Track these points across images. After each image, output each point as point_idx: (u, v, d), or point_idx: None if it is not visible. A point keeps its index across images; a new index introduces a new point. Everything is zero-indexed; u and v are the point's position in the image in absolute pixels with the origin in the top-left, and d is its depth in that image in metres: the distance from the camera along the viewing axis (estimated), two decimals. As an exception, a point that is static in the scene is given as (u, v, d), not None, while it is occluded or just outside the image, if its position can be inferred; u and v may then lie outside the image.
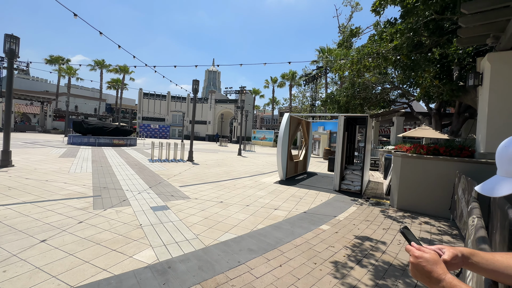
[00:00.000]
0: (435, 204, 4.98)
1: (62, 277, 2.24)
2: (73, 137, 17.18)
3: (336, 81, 29.18)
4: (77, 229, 3.29)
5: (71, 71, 36.49)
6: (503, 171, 0.63)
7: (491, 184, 0.65)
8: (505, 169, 0.63)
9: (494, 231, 2.33)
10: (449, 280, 0.62)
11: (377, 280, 2.52)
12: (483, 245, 1.12)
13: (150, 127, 40.84)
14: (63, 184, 5.66)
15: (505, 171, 0.63)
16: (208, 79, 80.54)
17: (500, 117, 4.64)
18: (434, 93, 8.59)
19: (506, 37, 4.28)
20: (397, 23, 5.87)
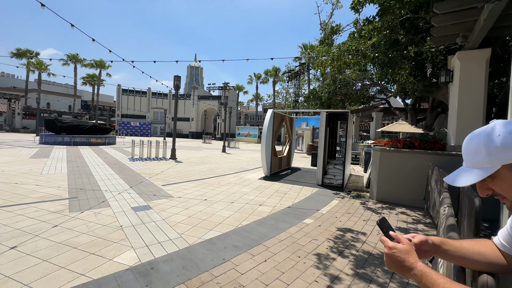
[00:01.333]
0: (411, 195, 5.25)
1: (35, 285, 2.12)
2: (45, 136, 16.18)
3: (318, 77, 29.68)
4: (52, 234, 3.12)
5: (41, 65, 34.10)
6: (468, 162, 0.67)
7: (458, 174, 0.69)
8: (470, 160, 0.67)
9: (462, 218, 2.50)
10: (420, 268, 0.66)
11: (358, 270, 2.62)
12: (452, 232, 1.19)
13: (130, 125, 39.35)
14: (35, 187, 5.32)
15: (469, 163, 0.67)
16: (190, 75, 78.72)
17: (469, 112, 4.96)
18: (409, 89, 9.00)
19: (474, 36, 4.55)
20: (375, 21, 6.05)
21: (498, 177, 0.62)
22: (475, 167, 0.65)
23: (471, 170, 0.65)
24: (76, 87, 39.89)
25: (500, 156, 0.60)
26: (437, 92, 7.76)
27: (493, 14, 3.72)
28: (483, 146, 0.63)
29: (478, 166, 0.64)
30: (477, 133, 0.66)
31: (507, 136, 0.60)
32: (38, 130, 22.88)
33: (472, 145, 0.66)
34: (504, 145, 0.60)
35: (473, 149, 0.65)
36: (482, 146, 0.63)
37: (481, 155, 0.63)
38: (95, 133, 17.98)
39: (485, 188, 0.66)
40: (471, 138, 0.67)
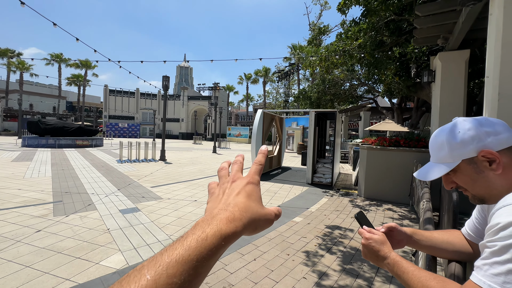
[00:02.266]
0: (397, 192, 5.41)
1: (17, 292, 2.05)
2: (28, 139, 15.61)
3: (308, 77, 30.00)
4: (35, 239, 3.03)
5: (23, 65, 32.85)
6: (434, 158, 0.72)
7: (425, 170, 0.73)
8: (435, 156, 0.71)
9: (443, 212, 2.60)
10: (393, 257, 0.70)
11: (345, 265, 2.68)
12: (428, 225, 1.25)
13: (118, 126, 38.49)
14: (17, 191, 5.13)
15: (435, 158, 0.71)
16: (179, 75, 77.80)
17: (450, 111, 5.15)
18: (395, 89, 9.24)
19: (453, 38, 4.74)
20: (361, 22, 6.19)
21: (459, 171, 0.67)
22: (440, 162, 0.70)
23: (437, 165, 0.70)
24: (60, 87, 38.65)
25: (460, 151, 0.65)
26: (421, 91, 8.02)
27: (470, 16, 3.89)
28: (445, 143, 0.67)
29: (442, 161, 0.69)
30: (441, 130, 0.71)
31: (466, 132, 0.64)
32: (21, 132, 22.03)
33: (437, 142, 0.70)
34: (463, 141, 0.64)
35: (437, 146, 0.70)
36: (445, 142, 0.67)
37: (444, 151, 0.68)
38: (81, 135, 17.49)
39: (449, 182, 0.70)
40: (435, 135, 0.72)
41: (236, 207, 0.34)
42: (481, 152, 0.62)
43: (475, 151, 0.63)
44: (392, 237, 0.81)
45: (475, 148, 0.63)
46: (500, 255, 0.49)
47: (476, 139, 0.63)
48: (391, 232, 0.82)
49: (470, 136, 0.63)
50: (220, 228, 0.30)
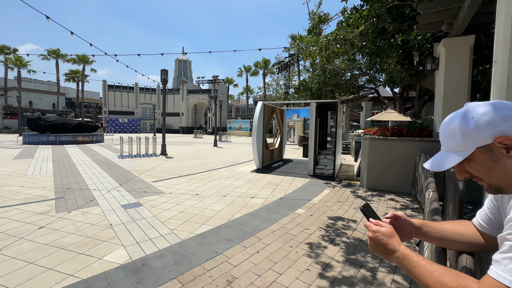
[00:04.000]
0: (400, 182, 5.38)
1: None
2: (29, 136, 15.61)
3: (308, 68, 29.62)
4: (38, 235, 3.03)
5: (20, 62, 32.55)
6: (445, 147, 0.67)
7: (436, 159, 0.68)
8: (446, 144, 0.66)
9: (448, 202, 2.57)
10: (402, 251, 0.67)
11: (348, 256, 2.68)
12: (436, 216, 1.21)
13: (118, 122, 38.46)
14: (19, 188, 5.14)
15: (446, 147, 0.66)
16: (178, 68, 77.03)
17: (454, 99, 5.06)
18: (397, 78, 9.10)
19: (458, 23, 4.60)
20: (362, 9, 6.01)
21: (474, 159, 0.62)
22: (451, 151, 0.65)
23: (449, 154, 0.65)
24: (59, 84, 38.44)
25: (474, 139, 0.60)
26: (424, 80, 7.88)
27: (477, 0, 3.75)
28: (457, 130, 0.62)
29: (454, 150, 0.64)
30: (452, 117, 0.66)
31: (480, 118, 0.59)
32: (21, 130, 22.03)
33: (448, 129, 0.65)
34: (477, 128, 0.59)
35: (448, 134, 0.65)
36: (457, 130, 0.63)
37: (456, 139, 0.63)
38: (81, 131, 17.48)
39: (463, 171, 0.66)
40: (446, 123, 0.67)
41: None
42: (498, 138, 0.57)
43: (491, 137, 0.58)
44: (400, 228, 0.78)
45: (490, 134, 0.58)
46: None
47: (491, 125, 0.58)
48: (398, 223, 0.79)
49: (485, 121, 0.58)
50: None
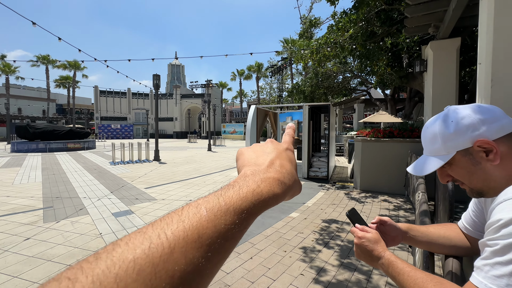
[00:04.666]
0: (392, 183, 5.42)
1: (4, 304, 1.97)
2: (17, 144, 15.24)
3: (301, 71, 29.90)
4: (24, 247, 2.93)
5: (9, 68, 31.91)
6: (427, 151, 0.67)
7: (419, 164, 0.68)
8: (428, 148, 0.66)
9: (439, 202, 2.59)
10: (387, 257, 0.66)
11: (343, 260, 2.66)
12: (424, 217, 1.21)
13: (110, 128, 37.93)
14: (5, 198, 4.98)
15: (428, 151, 0.66)
16: (171, 73, 76.79)
17: (442, 100, 5.15)
18: (388, 80, 9.24)
19: (444, 26, 4.71)
20: (351, 13, 6.12)
21: (455, 163, 0.62)
22: (433, 155, 0.65)
23: (430, 158, 0.65)
24: (49, 90, 37.80)
25: (454, 142, 0.60)
26: (413, 81, 8.02)
27: (461, 3, 3.85)
28: (438, 134, 0.62)
29: (436, 154, 0.64)
30: (432, 121, 0.65)
31: (459, 122, 0.59)
32: (9, 137, 21.51)
33: (429, 134, 0.65)
34: (457, 131, 0.59)
35: (430, 138, 0.65)
36: (438, 133, 0.62)
37: (437, 142, 0.63)
38: (72, 138, 17.15)
39: (445, 175, 0.65)
40: (427, 127, 0.67)
41: (284, 169, 0.33)
42: (477, 141, 0.57)
43: (470, 141, 0.58)
44: (386, 233, 0.77)
45: (470, 138, 0.58)
46: (503, 254, 0.44)
47: (470, 128, 0.57)
48: (384, 228, 0.78)
49: (464, 125, 0.58)
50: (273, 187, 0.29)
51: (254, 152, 0.36)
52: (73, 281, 0.16)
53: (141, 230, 0.20)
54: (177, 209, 0.23)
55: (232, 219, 0.24)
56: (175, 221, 0.21)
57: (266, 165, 0.32)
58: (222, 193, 0.26)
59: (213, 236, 0.22)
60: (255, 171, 0.31)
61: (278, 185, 0.30)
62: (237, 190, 0.26)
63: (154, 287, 0.17)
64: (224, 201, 0.24)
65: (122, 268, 0.17)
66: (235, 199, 0.25)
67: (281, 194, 0.29)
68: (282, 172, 0.32)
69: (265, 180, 0.29)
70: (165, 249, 0.19)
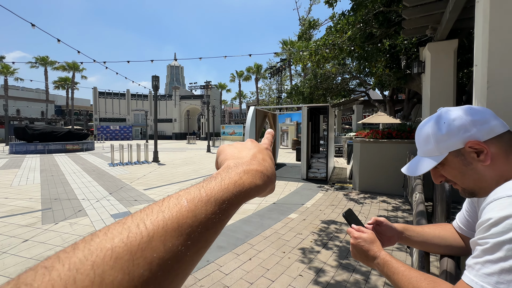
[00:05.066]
0: (391, 184, 5.44)
1: (2, 306, 1.96)
2: (16, 145, 15.18)
3: (300, 73, 29.99)
4: (22, 249, 2.92)
5: (7, 69, 31.85)
6: (421, 151, 0.68)
7: (413, 164, 0.69)
8: (421, 149, 0.67)
9: (436, 203, 2.60)
10: (383, 257, 0.67)
11: (341, 260, 2.67)
12: (421, 218, 1.22)
13: (109, 129, 37.87)
14: (3, 200, 4.97)
15: (422, 152, 0.67)
16: (170, 74, 76.83)
17: (440, 101, 5.19)
18: (386, 81, 9.29)
19: (441, 28, 4.75)
20: (349, 15, 6.15)
21: (447, 164, 0.63)
22: (426, 156, 0.66)
23: (424, 159, 0.66)
24: (48, 91, 37.71)
25: (447, 143, 0.61)
26: (411, 83, 8.07)
27: (458, 5, 3.89)
28: (431, 135, 0.64)
29: (429, 155, 0.65)
30: (425, 122, 0.67)
31: (451, 123, 0.61)
32: (8, 139, 21.44)
33: (422, 135, 0.67)
34: (449, 132, 0.61)
35: (423, 138, 0.66)
36: (430, 134, 0.64)
37: (430, 143, 0.64)
38: (71, 139, 17.11)
39: (438, 176, 0.67)
40: (420, 128, 0.68)
41: (266, 163, 0.34)
42: (468, 143, 0.58)
43: (462, 142, 0.59)
44: (382, 233, 0.78)
45: (461, 139, 0.59)
46: (493, 253, 0.45)
47: (462, 130, 0.59)
48: (380, 228, 0.79)
49: (456, 126, 0.60)
50: (255, 179, 0.30)
51: (236, 148, 0.37)
52: (50, 269, 0.16)
53: (120, 221, 0.21)
54: (158, 201, 0.24)
55: (213, 209, 0.24)
56: (155, 211, 0.22)
57: (249, 158, 0.33)
58: (204, 184, 0.27)
59: (193, 225, 0.22)
60: (238, 163, 0.32)
61: (260, 177, 0.31)
62: (219, 181, 0.27)
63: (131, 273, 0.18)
64: (206, 192, 0.25)
65: (99, 256, 0.17)
66: (216, 190, 0.26)
67: (263, 185, 0.31)
68: (264, 165, 0.33)
69: (247, 172, 0.30)
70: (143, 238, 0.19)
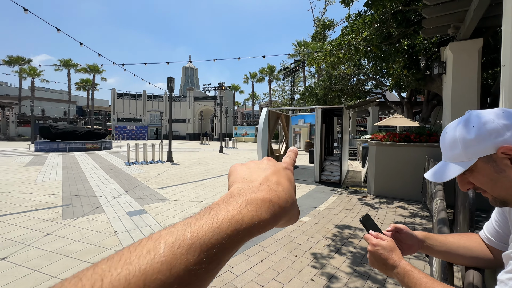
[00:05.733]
0: (408, 189, 5.24)
1: (25, 297, 2.07)
2: (40, 144, 16.02)
3: (313, 74, 29.66)
4: (44, 242, 3.06)
5: (34, 72, 33.78)
6: (446, 156, 0.64)
7: (437, 170, 0.65)
8: (447, 154, 0.63)
9: (458, 210, 2.48)
10: (403, 266, 0.64)
11: (355, 267, 2.59)
12: (443, 226, 1.16)
13: (126, 129, 39.14)
14: (28, 195, 5.24)
15: (447, 157, 0.63)
16: (185, 76, 78.43)
17: (463, 103, 4.94)
18: (404, 82, 8.99)
19: (465, 27, 4.52)
20: (366, 15, 6.01)
21: (476, 170, 0.58)
22: (453, 162, 0.62)
23: (450, 165, 0.62)
24: (70, 92, 39.60)
25: (476, 149, 0.57)
26: (431, 84, 7.75)
27: (483, 3, 3.69)
28: (458, 139, 0.59)
29: (456, 160, 0.61)
30: (452, 125, 0.63)
31: (481, 127, 0.56)
32: (33, 137, 22.67)
33: (448, 139, 0.62)
34: (479, 137, 0.56)
35: (449, 143, 0.62)
36: (458, 139, 0.59)
37: (457, 148, 0.60)
38: (90, 138, 17.85)
39: (465, 183, 0.62)
40: (446, 132, 0.64)
41: (281, 187, 0.28)
42: (501, 148, 0.54)
43: (493, 147, 0.55)
44: (402, 241, 0.74)
45: (493, 144, 0.55)
46: None
47: (493, 134, 0.54)
48: (400, 236, 0.75)
49: (487, 130, 0.55)
50: (259, 212, 0.24)
51: (248, 168, 0.32)
52: None
53: (78, 275, 0.17)
54: (134, 243, 0.20)
55: (197, 257, 0.19)
56: (121, 263, 0.18)
57: (259, 181, 0.28)
58: (193, 221, 0.22)
59: (167, 283, 0.17)
60: (243, 190, 0.26)
61: (267, 208, 0.25)
62: (211, 217, 0.22)
63: None
64: (191, 233, 0.20)
65: None
66: (205, 230, 0.21)
67: (271, 219, 0.24)
68: (277, 190, 0.27)
69: (250, 202, 0.24)
70: None
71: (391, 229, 0.76)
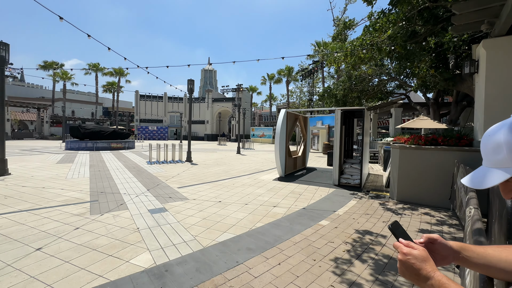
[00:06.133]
0: (435, 195, 4.95)
1: (57, 286, 2.20)
2: (70, 143, 17.11)
3: (333, 75, 29.05)
4: (73, 236, 3.26)
5: (66, 76, 36.24)
6: (488, 161, 0.59)
7: (477, 176, 0.61)
8: (490, 159, 0.59)
9: (493, 220, 2.30)
10: (438, 278, 0.59)
11: (377, 275, 2.49)
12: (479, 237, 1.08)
13: (148, 129, 40.71)
14: (60, 191, 5.61)
15: (489, 162, 0.59)
16: (204, 78, 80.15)
17: (497, 104, 4.59)
18: (431, 82, 8.53)
19: (501, 22, 4.21)
20: (390, 13, 5.78)
21: None
22: (496, 167, 0.57)
23: (492, 170, 0.57)
24: (97, 94, 41.92)
25: None
26: (461, 84, 7.29)
27: (523, -4, 3.42)
28: (503, 143, 0.54)
29: (499, 166, 0.56)
30: (496, 128, 0.58)
31: None
32: (64, 136, 24.27)
33: (492, 142, 0.57)
34: None
35: (492, 147, 0.57)
36: (503, 142, 0.55)
37: (502, 153, 0.55)
38: (115, 138, 18.76)
39: (509, 190, 0.57)
40: (490, 135, 0.59)
41: None
42: None
43: None
44: (435, 252, 0.70)
45: None
46: None
47: None
48: (433, 246, 0.71)
49: None
50: None
51: None
52: None
53: None
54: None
55: None
56: None
57: None
58: None
59: None
60: None
61: None
62: None
63: None
64: None
65: None
66: None
67: None
68: None
69: None
70: None
71: (424, 241, 0.71)
